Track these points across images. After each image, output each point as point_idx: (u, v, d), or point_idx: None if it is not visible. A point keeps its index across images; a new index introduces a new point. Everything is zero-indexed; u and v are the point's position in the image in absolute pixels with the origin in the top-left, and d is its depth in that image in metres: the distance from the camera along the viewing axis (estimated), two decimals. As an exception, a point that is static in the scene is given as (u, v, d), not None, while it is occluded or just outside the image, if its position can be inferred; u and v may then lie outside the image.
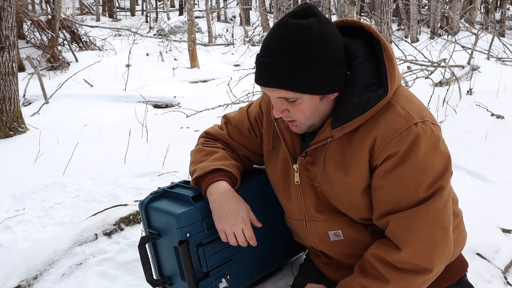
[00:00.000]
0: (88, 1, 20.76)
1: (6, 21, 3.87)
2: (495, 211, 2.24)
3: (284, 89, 1.13)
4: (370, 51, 1.20)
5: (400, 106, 1.17)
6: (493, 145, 3.11)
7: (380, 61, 1.19)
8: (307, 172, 1.29)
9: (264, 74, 1.14)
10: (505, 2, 15.18)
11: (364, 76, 1.17)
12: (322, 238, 1.34)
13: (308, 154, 1.28)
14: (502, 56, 7.26)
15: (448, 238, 1.19)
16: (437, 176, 1.16)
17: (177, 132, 4.12)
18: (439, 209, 1.16)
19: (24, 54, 8.12)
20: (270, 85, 1.15)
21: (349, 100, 1.17)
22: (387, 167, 1.16)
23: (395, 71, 1.17)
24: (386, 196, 1.19)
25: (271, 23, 14.90)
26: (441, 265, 1.20)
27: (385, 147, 1.15)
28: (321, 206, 1.31)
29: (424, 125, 1.15)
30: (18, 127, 4.05)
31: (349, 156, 1.20)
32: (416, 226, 1.15)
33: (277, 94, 1.16)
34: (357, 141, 1.19)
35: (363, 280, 1.22)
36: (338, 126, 1.18)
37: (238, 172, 1.39)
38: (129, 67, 7.64)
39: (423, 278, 1.18)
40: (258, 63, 1.15)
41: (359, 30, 1.23)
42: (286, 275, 1.64)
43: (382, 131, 1.15)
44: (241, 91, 5.09)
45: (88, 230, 1.94)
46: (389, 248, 1.20)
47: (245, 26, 14.91)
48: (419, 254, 1.16)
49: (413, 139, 1.13)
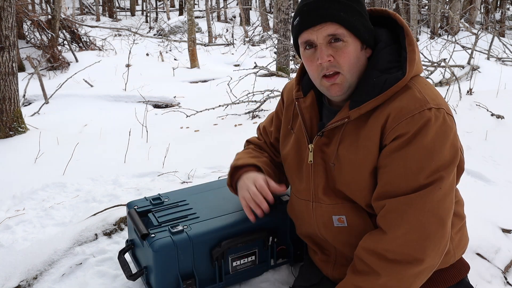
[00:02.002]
0: (88, 1, 20.76)
1: (6, 21, 3.87)
2: (495, 211, 2.24)
3: (336, 22, 1.17)
4: (394, 39, 1.25)
5: (417, 90, 1.18)
6: (493, 145, 3.11)
7: (402, 48, 1.22)
8: (321, 153, 1.30)
9: (314, 12, 1.18)
10: (505, 2, 15.18)
11: (385, 60, 1.21)
12: (326, 222, 1.34)
13: (325, 134, 1.29)
14: (502, 56, 7.27)
15: (444, 231, 1.16)
16: (442, 166, 1.15)
17: (177, 132, 4.12)
18: (437, 200, 1.14)
19: (24, 54, 8.12)
20: (321, 20, 1.17)
21: (367, 82, 1.20)
22: (394, 147, 1.16)
23: (415, 56, 1.20)
24: (387, 176, 1.18)
25: (271, 23, 14.91)
26: (435, 258, 1.17)
27: (396, 126, 1.15)
28: (328, 189, 1.31)
29: (438, 112, 1.15)
30: (18, 127, 4.05)
31: (363, 136, 1.21)
32: (410, 213, 1.14)
33: (326, 30, 1.18)
34: (371, 121, 1.20)
35: (356, 279, 1.21)
36: (355, 107, 1.20)
37: (268, 170, 1.51)
38: (129, 67, 7.64)
39: (415, 270, 1.16)
40: (304, 6, 1.19)
41: (385, 20, 1.28)
42: (286, 277, 1.64)
43: (395, 111, 1.16)
44: (241, 91, 5.09)
45: (88, 230, 1.94)
46: (377, 236, 1.19)
47: (245, 26, 14.91)
48: (410, 242, 1.14)
49: (424, 123, 1.13)
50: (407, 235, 1.15)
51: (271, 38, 11.66)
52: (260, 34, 13.45)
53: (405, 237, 1.15)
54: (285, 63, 7.49)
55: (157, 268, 1.41)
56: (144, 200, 1.66)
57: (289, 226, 1.60)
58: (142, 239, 1.44)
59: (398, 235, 1.15)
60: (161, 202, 1.64)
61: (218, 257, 1.48)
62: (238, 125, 4.15)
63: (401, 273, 1.16)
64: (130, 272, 1.52)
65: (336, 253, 1.40)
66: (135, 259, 1.62)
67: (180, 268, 1.43)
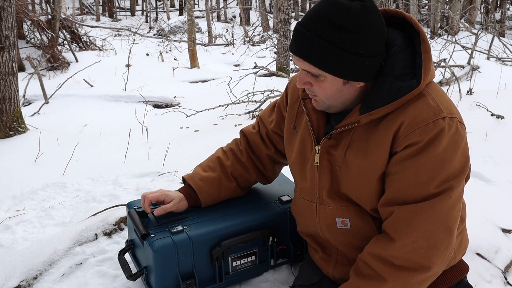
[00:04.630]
0: (88, 1, 20.75)
1: (6, 21, 3.87)
2: (495, 211, 2.24)
3: (309, 63, 1.15)
4: (408, 43, 1.20)
5: (431, 98, 1.16)
6: (493, 145, 3.11)
7: (417, 53, 1.19)
8: (328, 156, 1.29)
9: (296, 42, 1.16)
10: (505, 2, 15.18)
11: (399, 66, 1.17)
12: (329, 224, 1.34)
13: (333, 137, 1.28)
14: (502, 56, 7.27)
15: (451, 240, 1.17)
16: (452, 175, 1.15)
17: (177, 132, 4.12)
18: (446, 209, 1.15)
19: (24, 54, 8.12)
20: (299, 54, 1.16)
21: (380, 88, 1.17)
22: (405, 155, 1.15)
23: (431, 64, 1.17)
24: (396, 183, 1.18)
25: (271, 23, 14.90)
26: (440, 265, 1.19)
27: (409, 135, 1.14)
28: (333, 192, 1.31)
29: (451, 121, 1.14)
30: (18, 127, 4.04)
31: (372, 141, 1.20)
32: (419, 221, 1.14)
33: (303, 65, 1.18)
34: (382, 127, 1.18)
35: (360, 283, 1.21)
36: (366, 112, 1.18)
37: (200, 183, 1.56)
38: (129, 67, 7.64)
39: (421, 277, 1.17)
40: (294, 31, 1.18)
41: (400, 21, 1.23)
42: (286, 277, 1.64)
43: (409, 119, 1.14)
44: (241, 91, 5.10)
45: (88, 230, 1.94)
46: (384, 243, 1.19)
47: (245, 26, 14.91)
48: (418, 250, 1.15)
49: (437, 133, 1.12)
50: (415, 243, 1.15)
51: (271, 38, 11.66)
52: (260, 34, 13.44)
53: (413, 245, 1.15)
54: (285, 63, 7.49)
55: (157, 268, 1.41)
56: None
57: (289, 226, 1.60)
58: (142, 239, 1.44)
59: (406, 243, 1.16)
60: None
61: (218, 257, 1.48)
62: (238, 125, 4.15)
63: (407, 280, 1.17)
64: (130, 272, 1.52)
65: (337, 252, 1.41)
66: (135, 259, 1.62)
67: (180, 268, 1.43)
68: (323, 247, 1.44)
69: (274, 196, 1.68)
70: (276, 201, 1.64)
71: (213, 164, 1.61)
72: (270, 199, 1.66)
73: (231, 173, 1.59)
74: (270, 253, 1.60)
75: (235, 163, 1.60)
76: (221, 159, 1.62)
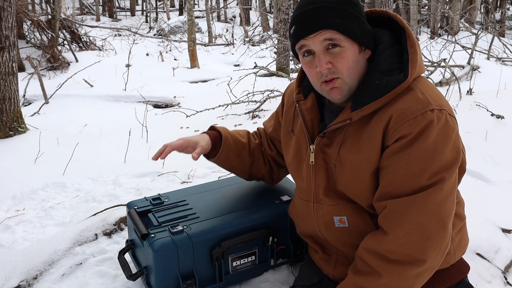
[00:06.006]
0: (88, 1, 20.76)
1: (6, 21, 3.87)
2: (495, 211, 2.24)
3: (331, 29, 1.16)
4: (395, 40, 1.24)
5: (419, 91, 1.18)
6: (493, 145, 3.11)
7: (403, 49, 1.22)
8: (322, 154, 1.31)
9: (309, 21, 1.17)
10: (505, 2, 15.18)
11: (387, 62, 1.21)
12: (327, 223, 1.34)
13: (326, 135, 1.29)
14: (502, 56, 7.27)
15: (445, 232, 1.17)
16: (443, 167, 1.15)
17: (177, 132, 4.12)
18: (438, 201, 1.15)
19: (24, 54, 8.12)
20: (317, 28, 1.17)
21: (369, 83, 1.20)
22: (396, 148, 1.16)
23: (417, 58, 1.20)
24: (389, 177, 1.18)
25: (271, 23, 14.91)
26: (436, 258, 1.18)
27: (398, 128, 1.15)
28: (329, 190, 1.31)
29: (440, 113, 1.15)
30: (18, 127, 4.04)
31: (364, 137, 1.21)
32: (412, 214, 1.14)
33: (323, 36, 1.17)
34: (373, 122, 1.20)
35: (357, 279, 1.21)
36: (357, 109, 1.20)
37: (228, 135, 1.58)
38: (129, 67, 7.64)
39: (416, 270, 1.16)
40: (300, 15, 1.19)
41: (387, 20, 1.27)
42: (286, 277, 1.64)
43: (398, 112, 1.16)
44: (241, 91, 5.10)
45: (88, 230, 1.94)
46: (379, 237, 1.19)
47: (245, 26, 14.91)
48: (412, 243, 1.15)
49: (426, 125, 1.13)
50: (408, 236, 1.15)
51: (271, 38, 11.66)
52: (260, 34, 13.45)
53: (407, 238, 1.15)
54: (285, 63, 7.50)
55: (157, 268, 1.41)
56: (144, 200, 1.66)
57: (289, 226, 1.60)
58: (142, 239, 1.44)
59: (399, 236, 1.15)
60: (161, 202, 1.64)
61: (218, 257, 1.48)
62: (238, 125, 4.15)
63: (402, 274, 1.16)
64: (130, 272, 1.52)
65: (337, 252, 1.41)
66: (135, 259, 1.62)
67: (180, 268, 1.43)
68: (323, 247, 1.45)
69: (274, 196, 1.68)
70: (276, 201, 1.64)
71: (243, 133, 1.66)
72: (270, 199, 1.66)
73: (252, 150, 1.64)
74: (270, 253, 1.60)
75: (258, 147, 1.66)
76: (250, 134, 1.68)
